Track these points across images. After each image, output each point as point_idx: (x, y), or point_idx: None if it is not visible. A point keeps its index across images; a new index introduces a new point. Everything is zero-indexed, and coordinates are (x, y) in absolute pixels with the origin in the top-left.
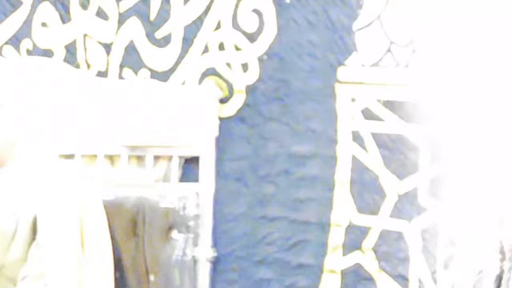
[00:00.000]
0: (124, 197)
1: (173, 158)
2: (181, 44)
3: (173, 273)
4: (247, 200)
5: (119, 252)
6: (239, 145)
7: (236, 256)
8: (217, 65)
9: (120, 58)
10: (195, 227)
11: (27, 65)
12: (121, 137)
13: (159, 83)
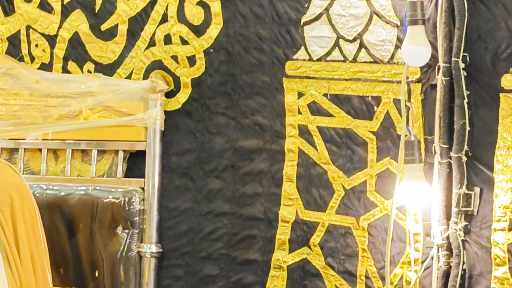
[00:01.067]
0: (68, 192)
1: (119, 152)
2: (127, 37)
3: (118, 268)
4: (193, 195)
5: (64, 248)
6: (185, 140)
7: (182, 252)
8: (163, 58)
9: (65, 51)
10: (140, 222)
11: None
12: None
13: (104, 77)
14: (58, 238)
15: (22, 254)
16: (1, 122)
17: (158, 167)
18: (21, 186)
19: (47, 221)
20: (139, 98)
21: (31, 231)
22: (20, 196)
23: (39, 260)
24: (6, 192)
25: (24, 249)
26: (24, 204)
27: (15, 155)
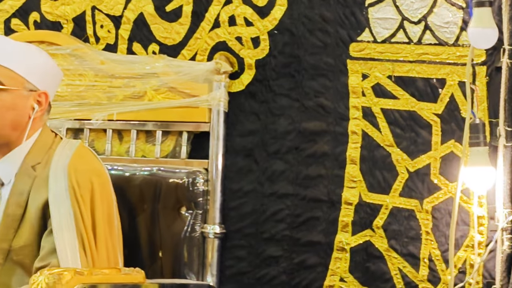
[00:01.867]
0: (133, 172)
1: (183, 133)
2: (191, 18)
3: (182, 249)
4: (257, 176)
5: (128, 228)
6: (249, 121)
7: (245, 233)
8: (228, 40)
9: (130, 32)
10: (204, 203)
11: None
12: (130, 112)
13: (168, 58)
14: (123, 218)
15: (98, 240)
16: (66, 103)
17: (222, 148)
18: (101, 172)
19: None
20: (204, 79)
21: (108, 218)
22: (100, 183)
23: (112, 247)
24: (87, 178)
25: (100, 235)
26: (104, 191)
27: (80, 136)
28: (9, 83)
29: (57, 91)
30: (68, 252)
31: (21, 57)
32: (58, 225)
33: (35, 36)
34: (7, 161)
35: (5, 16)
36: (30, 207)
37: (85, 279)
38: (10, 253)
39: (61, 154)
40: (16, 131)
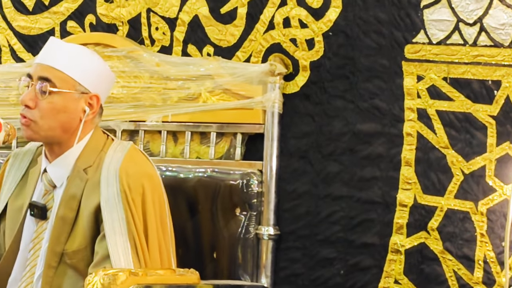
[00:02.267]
0: (187, 174)
1: (237, 135)
2: (246, 20)
3: (236, 250)
4: (311, 178)
5: (183, 229)
6: (304, 123)
7: (300, 234)
8: (282, 42)
9: (184, 34)
10: (258, 205)
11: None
12: (185, 114)
13: (223, 60)
14: (177, 220)
15: (150, 243)
16: (122, 104)
17: (276, 150)
18: (153, 175)
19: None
20: (258, 81)
21: (160, 221)
22: (152, 186)
23: (165, 249)
24: (138, 181)
25: (153, 239)
26: (155, 193)
27: (135, 137)
28: (61, 85)
29: (113, 93)
30: (121, 256)
31: (74, 60)
32: (110, 229)
33: (91, 38)
34: (59, 164)
35: (61, 19)
36: (82, 211)
37: (140, 280)
38: (64, 256)
39: (112, 157)
40: (67, 133)
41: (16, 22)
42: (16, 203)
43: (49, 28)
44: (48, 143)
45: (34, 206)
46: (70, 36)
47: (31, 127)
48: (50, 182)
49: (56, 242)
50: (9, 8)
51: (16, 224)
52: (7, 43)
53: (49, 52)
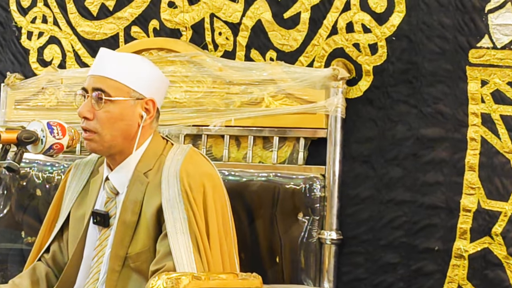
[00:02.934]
0: (250, 178)
1: (300, 139)
2: (309, 25)
3: (299, 255)
4: (374, 183)
5: (246, 233)
6: (366, 127)
7: (362, 239)
8: (345, 46)
9: (247, 39)
10: (321, 209)
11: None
12: (247, 118)
13: (286, 64)
14: (240, 224)
15: (212, 242)
16: (185, 109)
17: (339, 155)
18: (213, 175)
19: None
20: (321, 85)
21: (222, 221)
22: (212, 185)
23: (227, 249)
24: (199, 181)
25: (214, 237)
26: (216, 193)
27: (198, 142)
28: (115, 94)
29: (176, 97)
30: (183, 255)
31: (125, 68)
32: (172, 229)
33: (155, 43)
34: (121, 170)
35: (125, 24)
36: (144, 213)
37: (203, 284)
38: (127, 260)
39: (172, 159)
40: (127, 140)
41: (80, 28)
42: (78, 212)
43: (113, 33)
44: (110, 154)
45: (96, 214)
46: (133, 41)
47: (94, 140)
48: (113, 189)
49: (120, 246)
50: (73, 14)
51: (79, 232)
52: (71, 48)
53: (101, 63)
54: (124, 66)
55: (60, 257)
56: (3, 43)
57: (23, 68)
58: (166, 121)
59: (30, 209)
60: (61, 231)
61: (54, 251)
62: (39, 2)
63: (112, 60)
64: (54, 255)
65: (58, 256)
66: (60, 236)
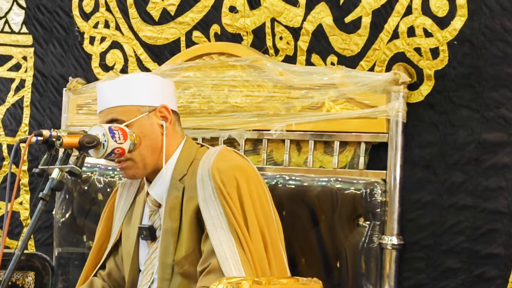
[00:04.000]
0: (310, 183)
1: (361, 144)
2: (370, 29)
3: (360, 260)
4: (435, 188)
5: (305, 237)
6: (428, 132)
7: (423, 244)
8: (406, 51)
9: (308, 43)
10: (381, 214)
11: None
12: (308, 123)
13: (347, 69)
14: (300, 228)
15: (252, 234)
16: (245, 113)
17: (400, 159)
18: (246, 167)
19: (289, 211)
20: (382, 90)
21: (261, 212)
22: (246, 178)
23: (270, 239)
24: (231, 175)
25: (254, 229)
26: (250, 184)
27: (259, 146)
28: (128, 117)
29: (236, 102)
30: (226, 250)
31: (124, 90)
32: (211, 226)
33: (215, 48)
34: (157, 182)
35: (187, 29)
36: (184, 217)
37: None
38: (175, 267)
39: (205, 161)
40: (156, 153)
41: (142, 33)
42: (128, 230)
43: (174, 38)
44: (149, 172)
45: (143, 229)
46: (195, 46)
47: (129, 167)
48: (154, 202)
49: (166, 255)
50: (135, 19)
51: (130, 250)
52: (133, 53)
53: (102, 97)
54: (122, 89)
55: (117, 273)
56: (65, 48)
57: (86, 73)
58: (226, 126)
59: (92, 213)
60: (116, 248)
61: (110, 268)
62: (102, 7)
63: (110, 90)
64: (110, 271)
65: (115, 272)
66: (116, 251)
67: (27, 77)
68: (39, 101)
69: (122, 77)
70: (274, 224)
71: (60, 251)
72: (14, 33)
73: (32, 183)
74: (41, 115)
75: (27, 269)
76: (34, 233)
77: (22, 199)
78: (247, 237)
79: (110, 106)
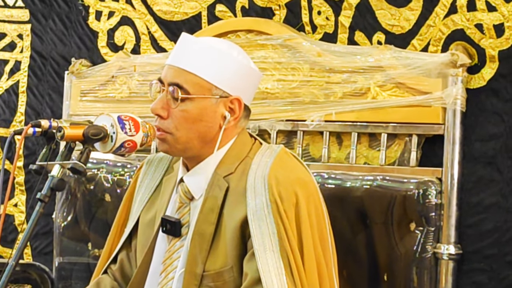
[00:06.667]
0: (354, 182)
1: (412, 137)
2: (423, 3)
3: (411, 272)
4: (500, 188)
5: (348, 246)
6: (491, 123)
7: (485, 254)
8: (466, 28)
9: (351, 19)
10: (436, 219)
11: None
12: (350, 112)
13: (396, 49)
14: (340, 235)
15: (306, 261)
16: (278, 101)
17: (458, 155)
18: (308, 182)
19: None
20: (437, 73)
21: (318, 234)
22: (306, 194)
23: (326, 268)
24: (290, 189)
25: (309, 255)
26: (310, 203)
27: (292, 139)
28: (195, 91)
29: (267, 87)
30: (273, 278)
31: (209, 59)
32: (260, 246)
33: (242, 25)
34: (197, 173)
35: (209, 2)
36: (225, 224)
37: None
38: (204, 279)
39: (259, 163)
40: (204, 142)
41: (157, 6)
42: (148, 216)
43: (195, 13)
44: (185, 156)
45: (167, 222)
46: (218, 22)
47: (167, 140)
48: (187, 193)
49: (195, 263)
50: None
51: (148, 240)
52: (146, 30)
53: (180, 52)
54: (208, 57)
55: (128, 268)
56: (68, 25)
57: (91, 53)
58: (255, 115)
59: (98, 217)
60: (129, 238)
61: (121, 261)
62: None
63: (194, 49)
64: (122, 265)
65: (126, 267)
66: (128, 243)
67: (23, 58)
68: (37, 87)
69: (216, 43)
70: (330, 252)
71: (61, 261)
72: (8, 7)
73: (28, 181)
74: (39, 102)
75: (22, 282)
76: (31, 240)
77: (17, 201)
78: (300, 266)
79: (184, 68)
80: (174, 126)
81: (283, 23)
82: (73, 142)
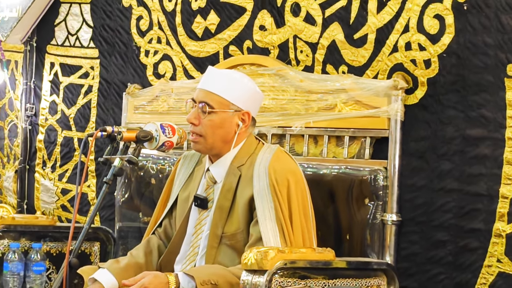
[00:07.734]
0: (325, 170)
1: (366, 138)
2: (374, 44)
3: (365, 233)
4: (428, 174)
5: (322, 215)
6: (422, 129)
7: (418, 221)
8: (404, 62)
9: (324, 56)
10: (383, 196)
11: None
12: (323, 121)
13: (355, 77)
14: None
15: (294, 227)
16: (272, 113)
17: (399, 151)
18: (296, 172)
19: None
20: (384, 94)
21: (303, 208)
22: (295, 180)
23: (307, 232)
24: (284, 176)
25: (296, 223)
26: (298, 187)
27: (283, 140)
28: (218, 106)
29: (264, 103)
30: (271, 238)
31: (227, 84)
32: (262, 216)
33: (248, 60)
34: (219, 164)
35: (224, 44)
36: (237, 200)
37: (286, 256)
38: (223, 238)
39: (262, 157)
40: (225, 143)
41: (188, 47)
42: (184, 195)
43: (214, 52)
44: (211, 153)
45: (198, 198)
46: (230, 58)
47: (199, 142)
48: (212, 178)
49: (217, 227)
50: (182, 36)
51: (184, 212)
52: (180, 64)
53: (207, 79)
54: (226, 82)
55: (170, 231)
56: (125, 60)
57: (141, 80)
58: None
59: (146, 195)
60: (171, 210)
61: (165, 225)
62: (155, 26)
63: (217, 77)
64: (165, 229)
65: (168, 230)
66: (170, 213)
67: (94, 83)
68: (104, 103)
69: (232, 73)
70: (310, 219)
71: (120, 225)
72: (83, 47)
73: (98, 170)
74: (105, 114)
75: (93, 240)
76: (99, 211)
77: (89, 183)
78: (289, 230)
79: (210, 90)
80: (204, 131)
81: (276, 58)
82: (129, 142)
